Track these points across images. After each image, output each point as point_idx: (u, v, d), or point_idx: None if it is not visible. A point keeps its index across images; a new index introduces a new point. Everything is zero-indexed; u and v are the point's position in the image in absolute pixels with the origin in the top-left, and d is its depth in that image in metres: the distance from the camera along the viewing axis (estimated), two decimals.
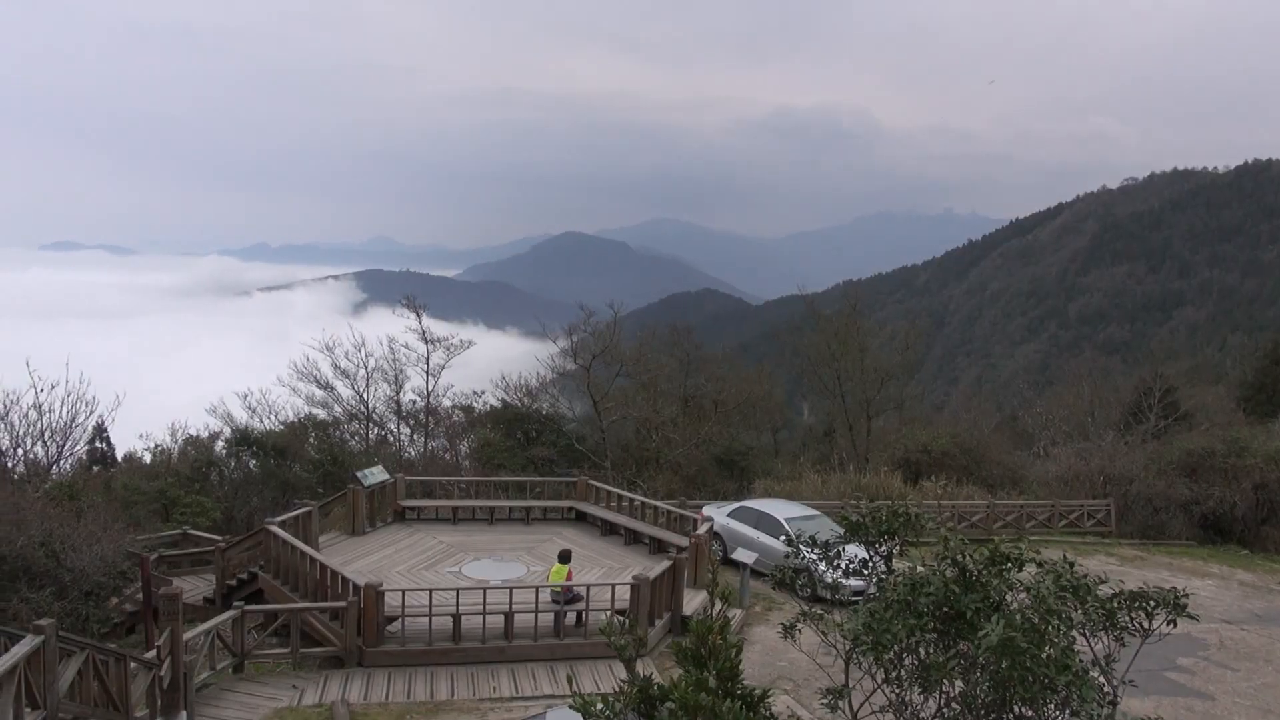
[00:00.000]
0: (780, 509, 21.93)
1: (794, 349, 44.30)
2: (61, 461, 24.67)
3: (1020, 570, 6.95)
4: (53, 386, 24.07)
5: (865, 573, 8.48)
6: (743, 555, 19.23)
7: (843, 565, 8.44)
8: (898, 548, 8.70)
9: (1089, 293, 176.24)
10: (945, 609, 6.43)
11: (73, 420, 24.50)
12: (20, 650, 8.92)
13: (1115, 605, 6.71)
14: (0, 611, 14.32)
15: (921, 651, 6.58)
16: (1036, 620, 6.05)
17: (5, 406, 23.44)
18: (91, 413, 25.18)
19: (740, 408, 37.48)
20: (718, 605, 5.60)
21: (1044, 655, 6.03)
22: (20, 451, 23.55)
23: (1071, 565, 6.81)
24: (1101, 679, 6.66)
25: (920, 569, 6.80)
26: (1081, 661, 6.26)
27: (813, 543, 8.77)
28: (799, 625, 7.85)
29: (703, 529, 19.77)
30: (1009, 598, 6.64)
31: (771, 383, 41.60)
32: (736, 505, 23.07)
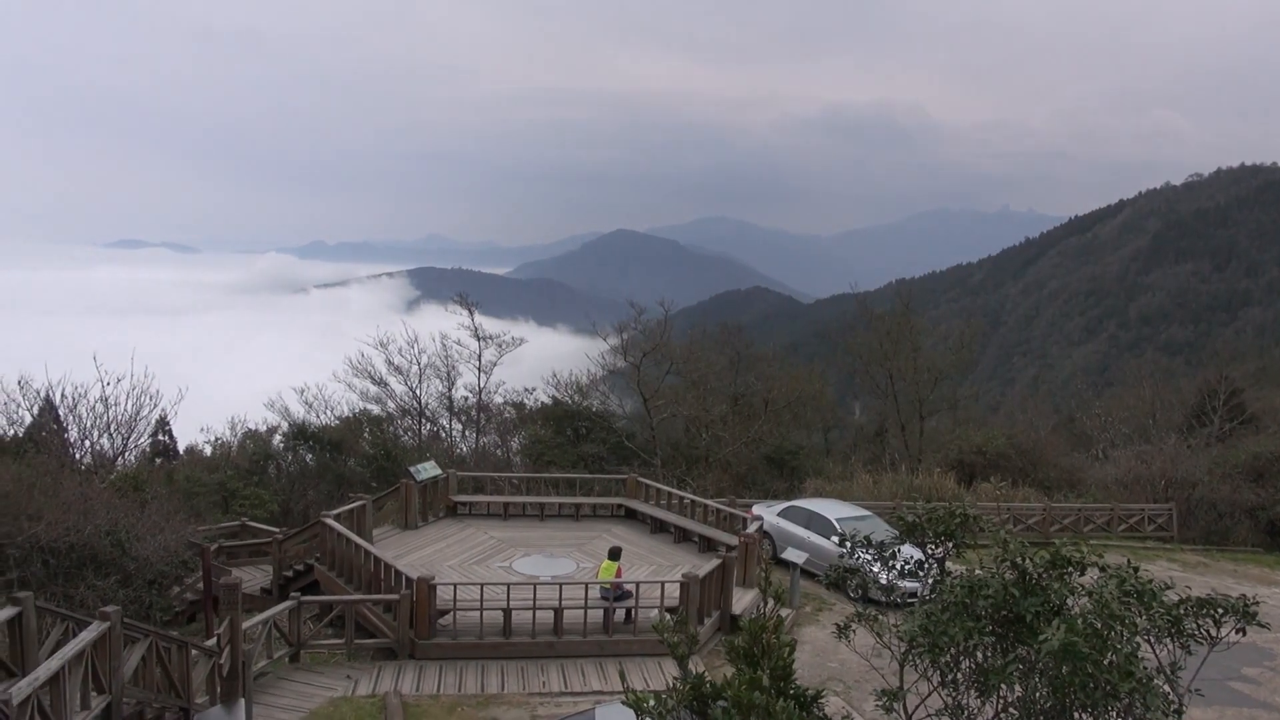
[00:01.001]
0: (831, 509, 21.73)
1: (845, 348, 43.86)
2: (126, 453, 25.37)
3: (1082, 574, 6.79)
4: (118, 381, 24.77)
5: (921, 574, 8.35)
6: (793, 555, 19.09)
7: (898, 566, 8.31)
8: (952, 550, 8.55)
9: (1151, 292, 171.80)
10: (1004, 612, 6.30)
11: (137, 413, 25.20)
12: (87, 636, 9.17)
13: (1181, 612, 6.52)
14: (68, 598, 14.75)
15: (979, 655, 6.45)
16: (1099, 625, 5.89)
17: (74, 400, 24.18)
18: (155, 406, 25.90)
19: (791, 406, 37.20)
20: (770, 604, 5.54)
21: (1107, 661, 5.88)
22: (88, 443, 24.27)
23: (1136, 570, 6.63)
24: (1166, 687, 6.47)
25: (978, 571, 6.66)
26: (1145, 669, 6.09)
27: (867, 543, 8.65)
28: (853, 626, 7.75)
29: (752, 528, 19.67)
30: (1070, 602, 6.49)
31: (822, 382, 41.20)
32: (787, 504, 22.91)
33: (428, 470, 22.83)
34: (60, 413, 24.38)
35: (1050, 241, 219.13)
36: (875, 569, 8.55)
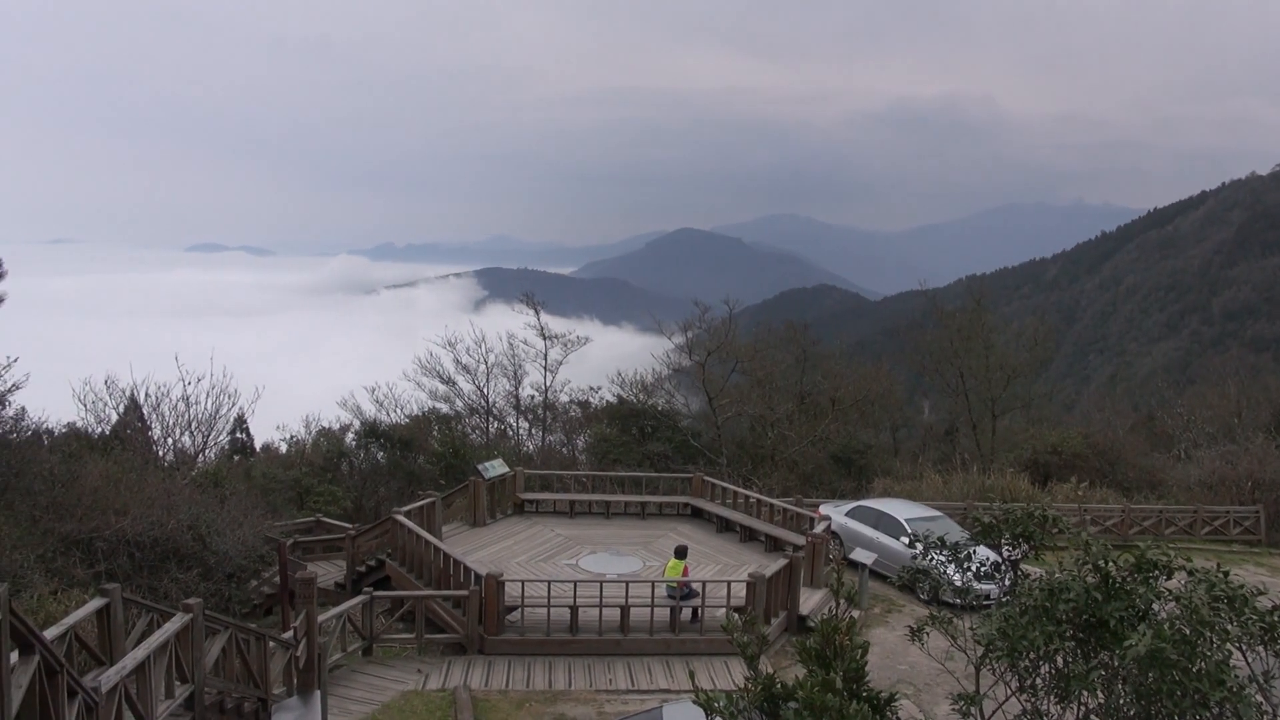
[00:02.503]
0: (901, 509, 21.38)
1: (914, 346, 43.10)
2: (206, 450, 26.17)
3: (1168, 578, 6.54)
4: (198, 380, 25.58)
5: (998, 576, 8.13)
6: (861, 555, 18.84)
7: (974, 568, 8.10)
8: (1030, 552, 8.32)
9: (1236, 286, 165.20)
10: (1086, 617, 6.10)
11: (216, 412, 26.00)
12: (171, 627, 9.46)
13: (1276, 619, 6.24)
14: (152, 590, 15.25)
15: (1059, 660, 6.25)
16: (1188, 632, 5.67)
17: (157, 398, 25.03)
18: (233, 405, 26.69)
19: (858, 405, 36.70)
20: (842, 606, 5.46)
21: (1195, 669, 5.65)
22: (170, 441, 25.09)
23: (1226, 574, 6.36)
24: (1259, 697, 6.20)
25: (1058, 574, 6.46)
26: (1237, 678, 5.84)
27: (941, 544, 8.46)
28: (926, 629, 7.59)
29: (820, 527, 19.46)
30: (1156, 607, 6.25)
31: (891, 380, 40.53)
32: (854, 504, 22.61)
33: (495, 468, 23.08)
34: (144, 411, 25.25)
35: (1128, 235, 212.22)
36: (950, 571, 8.35)
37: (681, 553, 17.12)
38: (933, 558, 8.47)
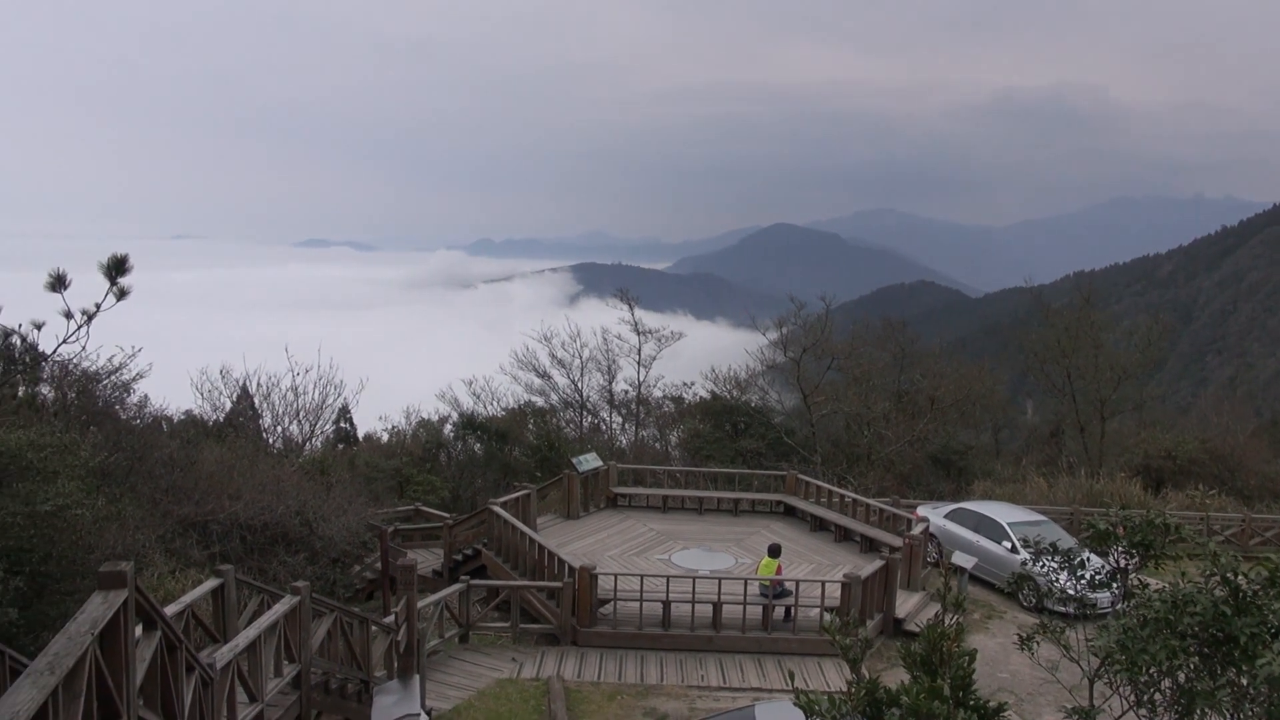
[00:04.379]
0: (1002, 512, 20.72)
1: (1018, 344, 41.68)
2: (313, 439, 27.10)
3: None
4: (306, 371, 26.50)
5: (1114, 585, 7.77)
6: (961, 559, 18.32)
7: (1088, 576, 7.75)
8: (1147, 561, 7.92)
9: None
10: (1213, 631, 5.76)
11: (323, 402, 26.90)
12: (280, 608, 9.82)
13: None
14: (262, 572, 15.87)
15: (1181, 676, 5.93)
16: None
17: (267, 388, 26.03)
18: (338, 395, 27.56)
19: (958, 405, 35.69)
20: (950, 612, 5.29)
21: None
22: (279, 429, 26.06)
23: None
24: None
25: (1183, 585, 6.13)
26: None
27: (1054, 550, 8.11)
28: (1036, 637, 7.30)
29: (917, 529, 19.02)
30: None
31: (992, 379, 39.30)
32: (954, 506, 22.01)
33: (589, 462, 23.27)
34: (255, 400, 26.29)
35: (1252, 230, 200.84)
36: (1062, 578, 8.00)
37: (775, 551, 16.95)
38: (1044, 564, 8.13)
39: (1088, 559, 7.99)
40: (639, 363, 35.93)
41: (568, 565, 16.29)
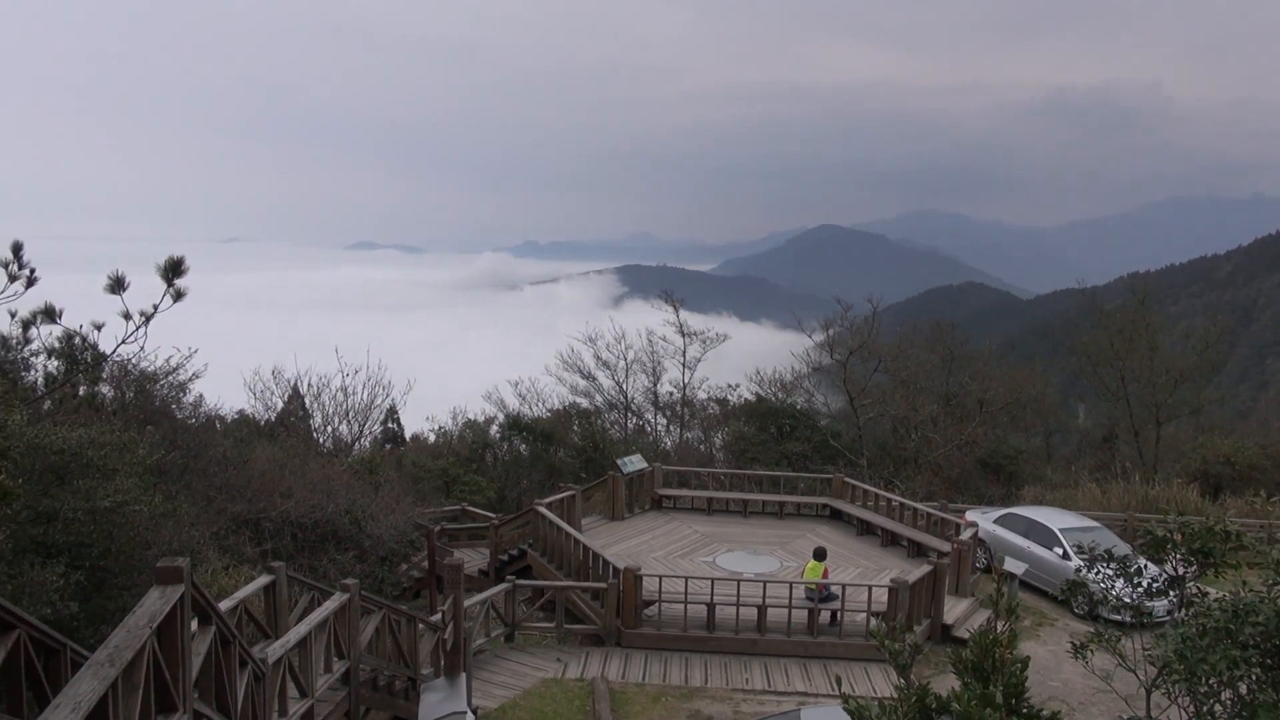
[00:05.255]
0: (1054, 518, 20.34)
1: (1070, 346, 40.88)
2: (362, 439, 27.49)
3: None
4: (355, 372, 26.90)
5: (1172, 594, 7.58)
6: (1012, 565, 18.02)
7: (1145, 584, 7.57)
8: (1202, 570, 7.71)
9: None
10: (1276, 642, 5.60)
11: (371, 402, 27.31)
12: (330, 605, 9.96)
13: None
14: (312, 569, 16.12)
15: (1242, 687, 5.77)
16: None
17: (318, 389, 26.48)
18: (387, 396, 27.94)
19: (1008, 408, 35.12)
20: (1001, 618, 5.20)
21: None
22: (329, 429, 26.48)
23: None
24: None
25: (1244, 594, 5.96)
26: None
27: (1110, 557, 7.93)
28: (1090, 646, 7.15)
29: (966, 534, 18.75)
30: None
31: (1043, 382, 38.60)
32: (1004, 511, 21.66)
33: (634, 463, 23.30)
34: (306, 400, 26.75)
35: None
36: (1118, 585, 7.82)
37: (821, 554, 16.82)
38: (1099, 571, 7.95)
39: (1144, 566, 7.80)
40: (684, 364, 35.91)
41: (612, 566, 16.32)
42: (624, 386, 36.24)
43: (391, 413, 31.09)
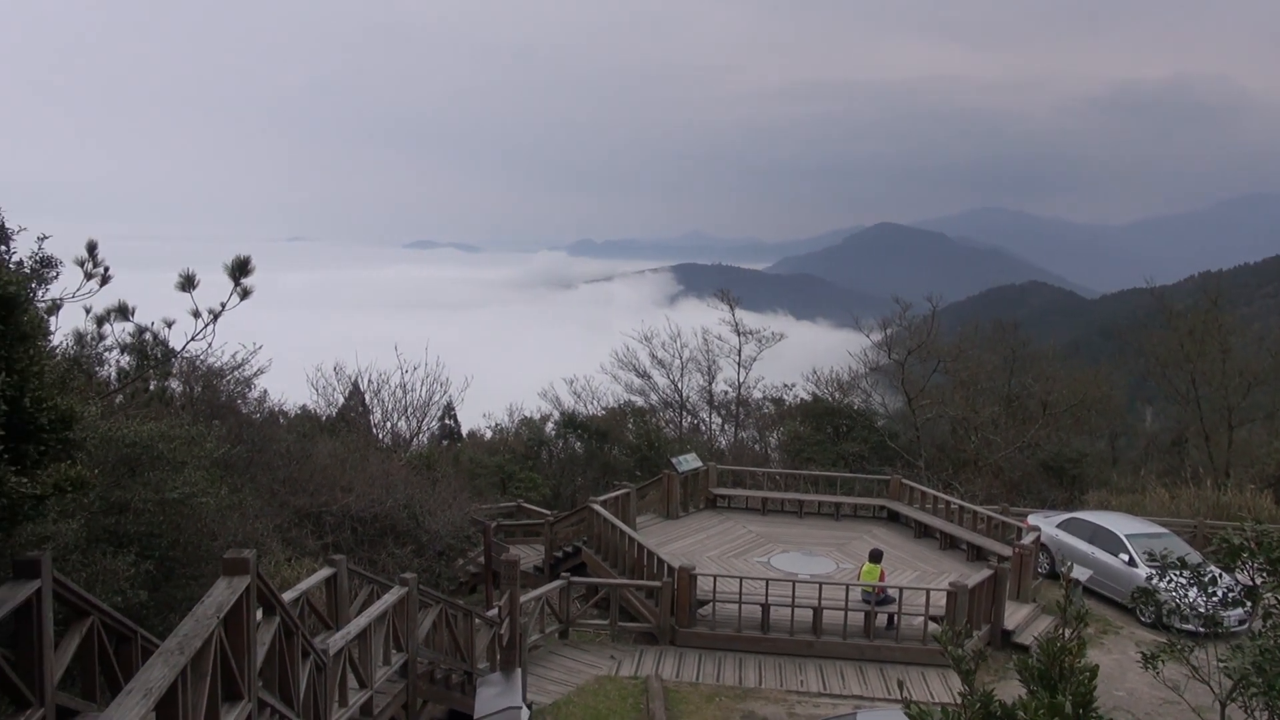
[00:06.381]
0: (1120, 523, 19.82)
1: (1138, 348, 39.75)
2: (419, 435, 27.86)
3: None
4: (414, 369, 27.27)
5: (1246, 604, 7.31)
6: (1076, 571, 17.60)
7: (1220, 593, 7.31)
8: (1277, 580, 7.42)
9: None
10: None
11: (429, 399, 27.66)
12: (389, 598, 10.12)
13: None
14: (371, 563, 16.38)
15: None
16: None
17: (377, 385, 26.89)
18: (444, 393, 28.27)
19: (1072, 410, 34.29)
20: (1064, 623, 5.07)
21: None
22: (388, 424, 26.89)
23: None
24: None
25: None
26: None
27: (1183, 565, 7.68)
28: (1161, 656, 6.94)
29: (1028, 539, 18.36)
30: None
31: (1109, 384, 37.62)
32: (1067, 516, 21.17)
33: (689, 462, 23.26)
34: (366, 397, 27.19)
35: None
36: (1191, 594, 7.56)
37: (877, 556, 16.61)
38: (1171, 579, 7.70)
39: (1218, 575, 7.54)
40: (739, 363, 35.74)
41: (667, 565, 16.31)
42: (679, 385, 36.22)
43: (448, 409, 31.44)
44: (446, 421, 32.44)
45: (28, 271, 10.10)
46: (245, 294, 11.15)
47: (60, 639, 6.04)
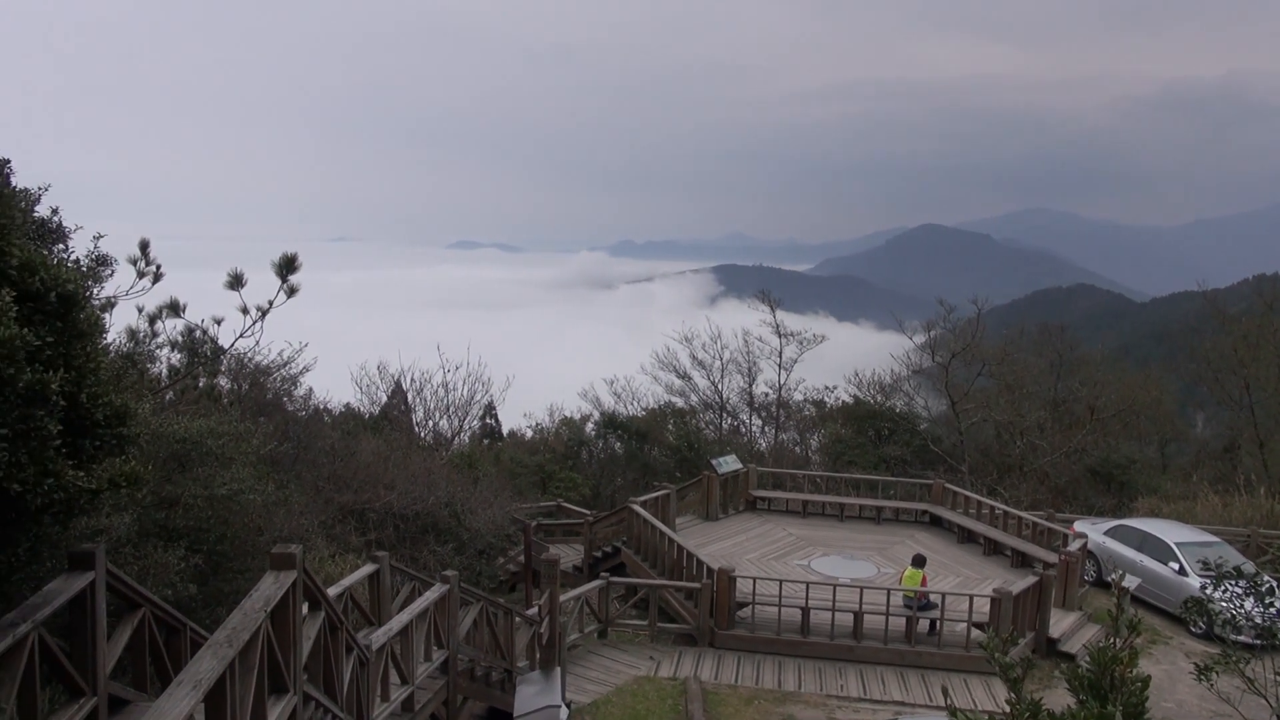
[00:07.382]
0: (1170, 531, 19.38)
1: (1190, 352, 38.92)
2: (461, 433, 28.09)
3: None
4: (456, 368, 27.50)
5: None
6: (1126, 580, 17.27)
7: (1278, 605, 7.12)
8: None
9: None
10: None
11: (471, 398, 27.87)
12: (431, 595, 10.20)
13: None
14: (413, 560, 16.55)
15: None
16: None
17: (420, 384, 27.16)
18: (486, 392, 28.47)
19: (1121, 415, 33.65)
20: (1115, 632, 4.97)
21: None
22: (430, 423, 27.14)
23: None
24: None
25: None
26: None
27: (1238, 574, 7.49)
28: (1215, 668, 6.78)
29: (1075, 545, 18.05)
30: None
31: (1160, 389, 36.85)
32: (1115, 523, 20.77)
33: (729, 464, 23.19)
34: (409, 395, 27.47)
35: None
36: (1247, 604, 7.38)
37: (920, 562, 16.42)
38: (1226, 589, 7.51)
39: (1275, 586, 7.34)
40: (780, 365, 35.54)
41: (706, 566, 16.27)
42: (719, 386, 36.10)
43: (490, 408, 31.64)
44: (487, 421, 32.64)
45: (84, 270, 10.33)
46: (292, 291, 11.32)
47: (113, 630, 6.18)
